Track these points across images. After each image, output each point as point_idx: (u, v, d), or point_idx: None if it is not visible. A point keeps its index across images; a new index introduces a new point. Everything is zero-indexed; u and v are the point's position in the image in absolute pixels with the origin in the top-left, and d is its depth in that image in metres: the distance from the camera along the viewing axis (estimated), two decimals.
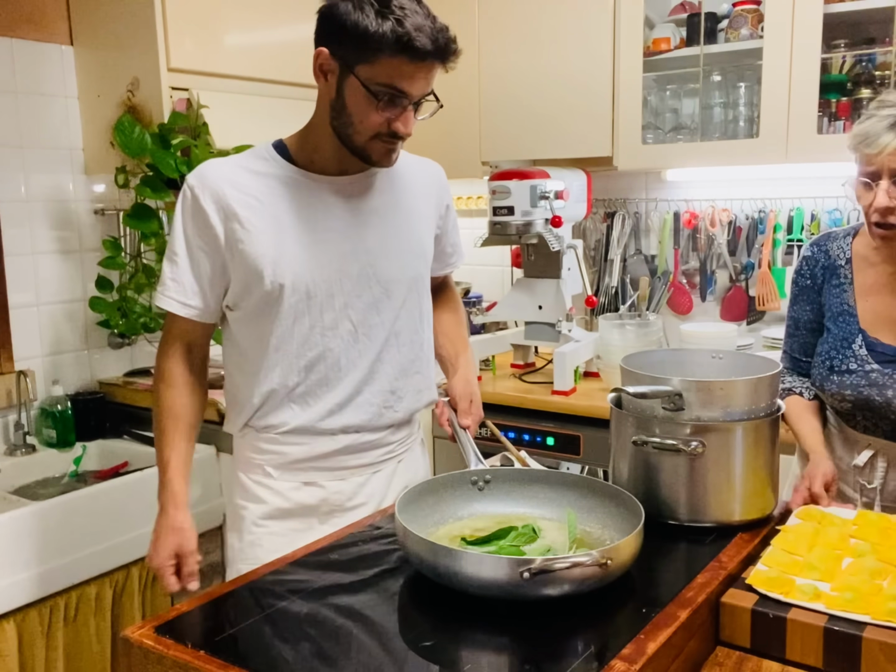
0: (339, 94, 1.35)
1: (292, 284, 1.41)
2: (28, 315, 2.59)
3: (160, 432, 1.47)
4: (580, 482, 1.33)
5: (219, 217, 1.39)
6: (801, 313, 1.74)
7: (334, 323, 1.46)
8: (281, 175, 1.43)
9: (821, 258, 1.70)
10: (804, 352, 1.74)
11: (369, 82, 1.30)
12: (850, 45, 2.36)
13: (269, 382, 1.46)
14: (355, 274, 1.46)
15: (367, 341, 1.49)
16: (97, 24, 2.56)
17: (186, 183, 1.42)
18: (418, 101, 1.36)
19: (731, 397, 1.31)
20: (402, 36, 1.25)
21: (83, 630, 2.13)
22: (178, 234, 1.42)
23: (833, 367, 1.63)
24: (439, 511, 1.30)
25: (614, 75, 2.57)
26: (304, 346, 1.45)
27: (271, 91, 2.68)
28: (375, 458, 1.55)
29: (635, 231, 2.94)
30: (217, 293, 1.45)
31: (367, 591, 1.17)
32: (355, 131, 1.37)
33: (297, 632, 1.06)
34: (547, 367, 2.73)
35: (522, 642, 1.02)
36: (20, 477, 2.45)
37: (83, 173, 2.69)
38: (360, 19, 1.26)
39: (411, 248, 1.54)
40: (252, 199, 1.40)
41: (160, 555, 1.42)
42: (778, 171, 2.55)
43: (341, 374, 1.48)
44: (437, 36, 1.29)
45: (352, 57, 1.30)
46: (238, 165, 1.44)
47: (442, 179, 1.64)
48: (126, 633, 1.06)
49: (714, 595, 1.13)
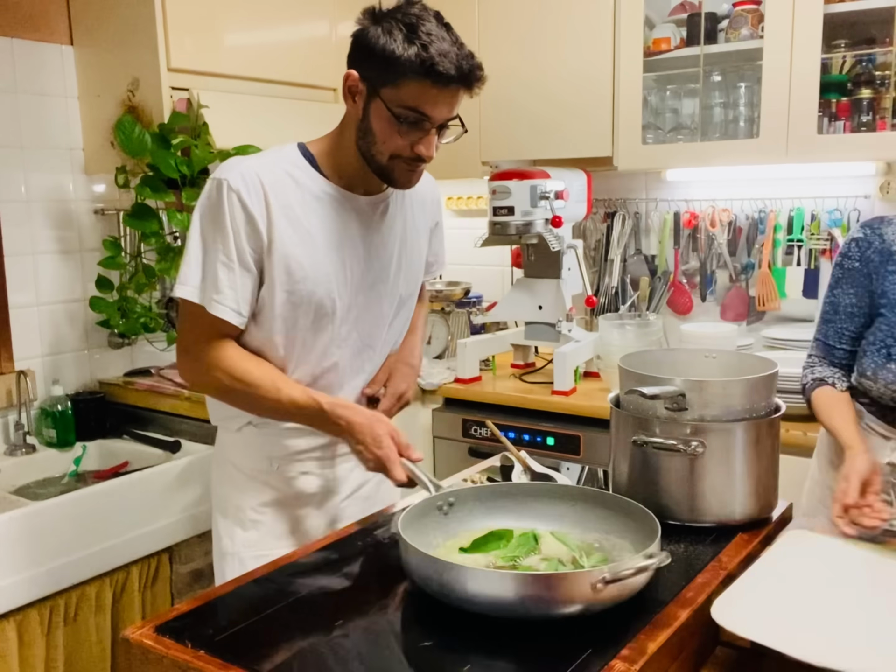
0: (366, 115, 1.37)
1: (320, 300, 1.43)
2: (28, 315, 2.59)
3: (254, 390, 1.40)
4: (543, 491, 1.32)
5: (264, 223, 1.38)
6: (843, 297, 1.65)
7: (347, 335, 1.51)
8: (314, 188, 1.44)
9: (875, 241, 1.62)
10: (839, 338, 1.67)
11: (393, 105, 1.33)
12: (850, 45, 2.36)
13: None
14: (369, 288, 1.51)
15: (370, 353, 1.57)
16: (97, 24, 2.56)
17: (228, 184, 1.37)
18: (442, 125, 1.38)
19: (732, 397, 1.31)
20: (427, 60, 1.28)
21: (83, 630, 2.13)
22: (229, 237, 1.37)
23: (891, 355, 1.55)
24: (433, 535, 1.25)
25: (614, 75, 2.57)
26: (322, 357, 1.49)
27: (271, 91, 2.68)
28: None
29: (635, 231, 2.93)
30: (255, 299, 1.43)
31: (367, 591, 1.17)
32: (378, 151, 1.39)
33: (297, 632, 1.06)
34: (547, 367, 2.73)
35: (522, 642, 1.02)
36: (20, 477, 2.45)
37: (83, 173, 2.69)
38: (388, 43, 1.29)
39: (415, 264, 1.61)
40: (290, 210, 1.40)
41: (384, 440, 1.34)
42: (778, 171, 2.55)
43: (343, 382, 1.54)
44: (461, 62, 1.31)
45: (378, 79, 1.33)
46: (276, 171, 1.42)
47: (437, 196, 1.70)
48: (126, 633, 1.06)
49: (714, 595, 1.13)
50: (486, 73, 1.37)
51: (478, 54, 1.35)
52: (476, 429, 2.53)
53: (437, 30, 1.31)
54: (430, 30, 1.30)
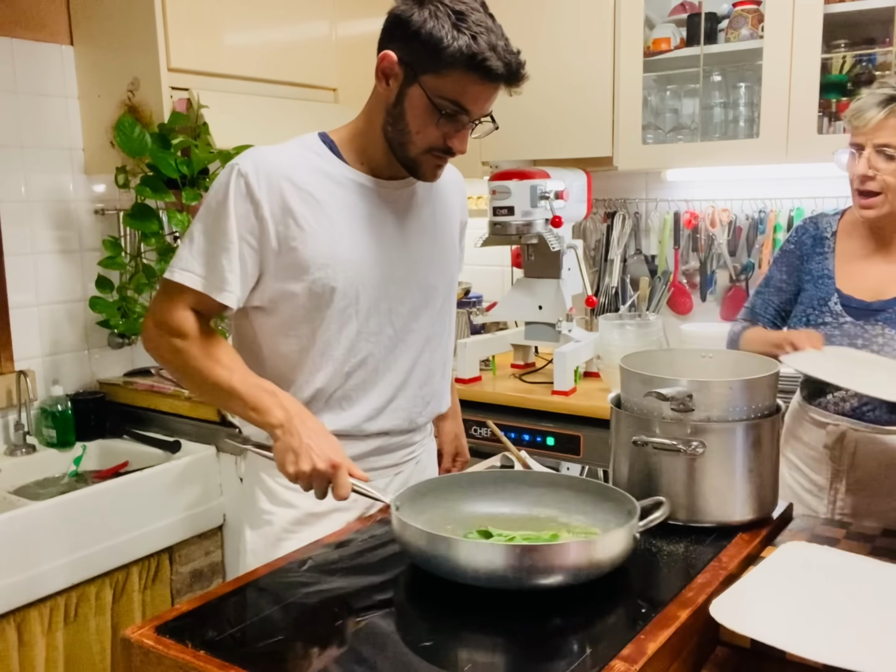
0: (399, 101, 1.32)
1: (343, 288, 1.37)
2: (28, 315, 2.59)
3: (207, 369, 1.32)
4: (491, 479, 1.33)
5: (271, 211, 1.32)
6: (776, 273, 1.89)
7: (378, 328, 1.44)
8: (335, 174, 1.39)
9: (810, 228, 1.86)
10: (765, 309, 1.90)
11: (434, 94, 1.28)
12: (850, 45, 2.36)
13: (311, 388, 1.42)
14: (400, 279, 1.44)
15: (404, 347, 1.48)
16: (97, 24, 2.56)
17: (238, 169, 1.32)
18: (476, 121, 1.35)
19: (735, 397, 1.31)
20: (477, 54, 1.23)
21: (83, 630, 2.13)
22: (230, 222, 1.31)
23: (809, 321, 1.77)
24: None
25: (614, 75, 2.57)
26: (350, 351, 1.42)
27: (271, 91, 2.68)
28: (399, 459, 1.55)
29: (635, 231, 2.93)
30: (250, 289, 1.38)
31: (368, 592, 1.17)
32: (410, 141, 1.34)
33: (297, 632, 1.06)
34: (547, 368, 2.72)
35: (522, 642, 1.02)
36: (20, 477, 2.45)
37: (83, 173, 2.69)
38: (436, 29, 1.24)
39: (448, 253, 1.55)
40: (308, 195, 1.35)
41: (334, 452, 1.24)
42: (778, 171, 2.55)
43: (377, 379, 1.46)
44: (509, 59, 1.27)
45: (420, 65, 1.27)
46: (293, 158, 1.37)
47: (464, 189, 1.65)
48: (126, 633, 1.06)
49: (714, 595, 1.13)
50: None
51: None
52: (476, 429, 2.53)
53: (486, 20, 1.26)
54: (479, 20, 1.25)
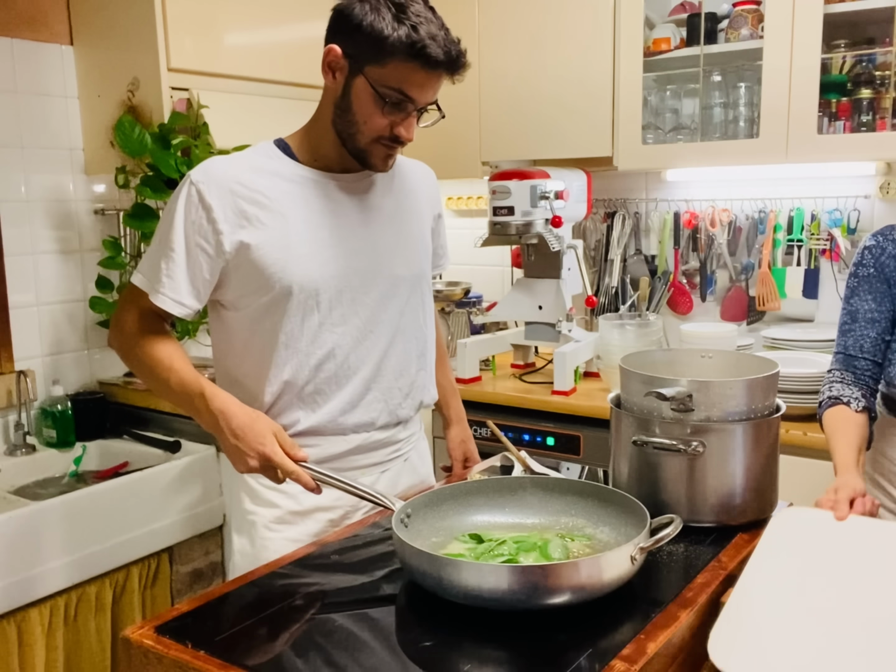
0: (346, 93, 1.36)
1: (300, 283, 1.40)
2: (28, 315, 2.59)
3: (152, 366, 1.39)
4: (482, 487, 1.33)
5: (225, 215, 1.37)
6: (861, 304, 1.62)
7: (342, 319, 1.46)
8: (286, 172, 1.43)
9: (888, 247, 1.61)
10: (860, 347, 1.62)
11: (377, 84, 1.32)
12: (850, 45, 2.36)
13: (279, 380, 1.45)
14: (363, 270, 1.47)
15: (374, 338, 1.49)
16: (97, 24, 2.56)
17: (190, 178, 1.38)
18: (422, 109, 1.38)
19: (735, 397, 1.31)
20: (417, 42, 1.28)
21: (83, 630, 2.13)
22: (178, 228, 1.37)
23: None
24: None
25: (614, 75, 2.57)
26: (313, 343, 1.44)
27: (271, 91, 2.68)
28: (384, 457, 1.56)
29: (635, 231, 2.93)
30: (207, 293, 1.42)
31: (367, 592, 1.17)
32: (358, 131, 1.38)
33: (297, 632, 1.06)
34: (547, 367, 2.73)
35: (522, 642, 1.02)
36: (20, 477, 2.45)
37: (83, 173, 2.69)
38: (377, 21, 1.29)
39: (415, 244, 1.56)
40: (260, 195, 1.39)
41: (266, 436, 1.30)
42: (778, 171, 2.55)
43: (350, 372, 1.48)
44: (449, 47, 1.32)
45: (363, 57, 1.32)
46: (243, 163, 1.43)
47: (434, 183, 1.68)
48: (126, 633, 1.06)
49: (714, 595, 1.13)
50: (486, 72, 1.37)
51: (478, 54, 1.36)
52: (476, 429, 2.51)
53: (425, 11, 1.31)
54: (418, 11, 1.30)
